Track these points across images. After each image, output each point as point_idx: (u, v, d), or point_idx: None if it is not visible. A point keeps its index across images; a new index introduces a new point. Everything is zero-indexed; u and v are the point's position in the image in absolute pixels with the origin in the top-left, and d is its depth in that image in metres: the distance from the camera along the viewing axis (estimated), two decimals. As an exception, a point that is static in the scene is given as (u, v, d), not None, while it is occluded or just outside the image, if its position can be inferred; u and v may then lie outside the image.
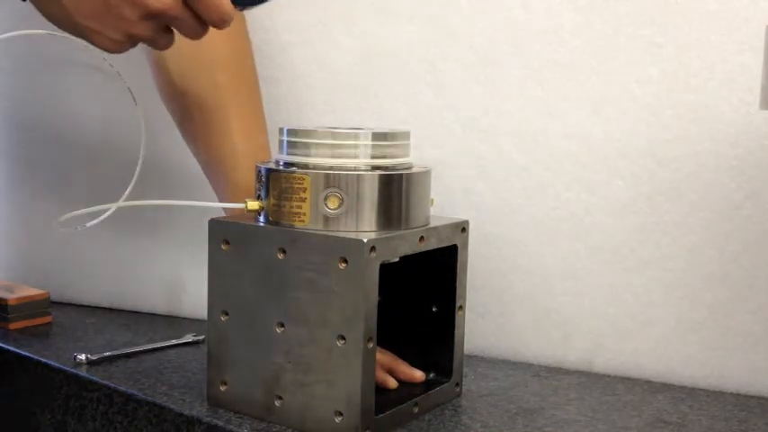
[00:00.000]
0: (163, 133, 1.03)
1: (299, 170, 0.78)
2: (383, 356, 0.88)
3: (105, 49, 0.75)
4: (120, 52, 0.76)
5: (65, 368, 0.96)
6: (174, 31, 0.77)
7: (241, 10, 0.78)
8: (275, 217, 0.79)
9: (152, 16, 0.73)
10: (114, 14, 0.72)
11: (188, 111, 0.96)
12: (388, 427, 0.79)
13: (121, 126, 1.14)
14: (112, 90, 1.08)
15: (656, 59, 0.92)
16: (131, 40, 0.75)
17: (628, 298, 0.96)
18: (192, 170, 1.05)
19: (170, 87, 0.97)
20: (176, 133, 1.02)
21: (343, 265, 0.74)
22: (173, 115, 0.99)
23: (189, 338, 1.06)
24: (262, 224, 0.80)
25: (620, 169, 0.95)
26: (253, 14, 1.09)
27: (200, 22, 0.76)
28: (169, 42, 0.78)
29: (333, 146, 0.79)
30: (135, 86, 0.99)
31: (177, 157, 1.10)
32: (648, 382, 0.95)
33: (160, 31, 0.76)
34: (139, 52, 0.96)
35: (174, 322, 1.16)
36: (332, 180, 0.77)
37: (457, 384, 0.89)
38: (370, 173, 0.78)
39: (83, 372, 0.95)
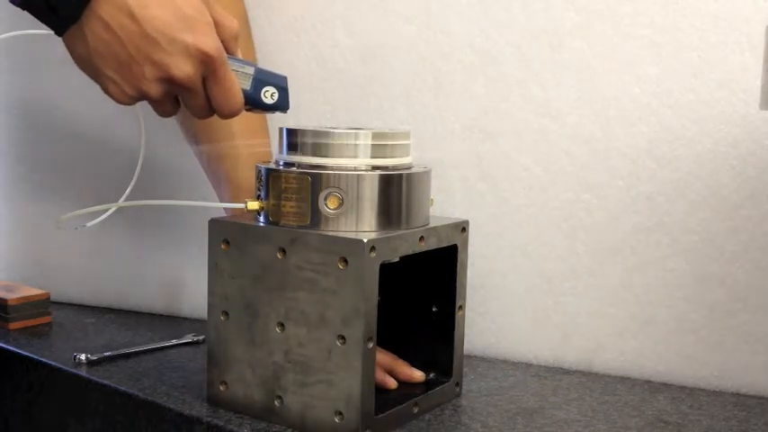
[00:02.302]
0: (163, 133, 1.03)
1: (299, 170, 0.78)
2: (383, 356, 0.88)
3: (113, 98, 0.76)
4: (126, 104, 0.77)
5: (65, 368, 0.96)
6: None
7: (248, 110, 0.80)
8: (275, 217, 0.79)
9: (168, 82, 0.74)
10: (134, 70, 0.73)
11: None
12: (388, 427, 0.79)
13: (121, 126, 1.14)
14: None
15: (656, 59, 0.92)
16: (140, 97, 0.76)
17: (628, 298, 0.96)
18: (192, 170, 1.05)
19: None
20: (176, 133, 1.02)
21: (343, 265, 0.74)
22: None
23: (189, 338, 1.06)
24: (262, 224, 0.80)
25: (620, 169, 0.95)
26: (252, 15, 1.09)
27: (208, 105, 0.77)
28: (172, 112, 0.79)
29: (333, 146, 0.79)
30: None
31: (177, 157, 1.10)
32: (648, 382, 0.95)
33: (169, 98, 0.77)
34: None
35: (174, 322, 1.16)
36: (332, 180, 0.77)
37: (457, 384, 0.89)
38: (370, 173, 0.78)
39: (83, 372, 0.95)
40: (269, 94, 0.80)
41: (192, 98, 0.76)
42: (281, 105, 0.80)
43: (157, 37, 0.72)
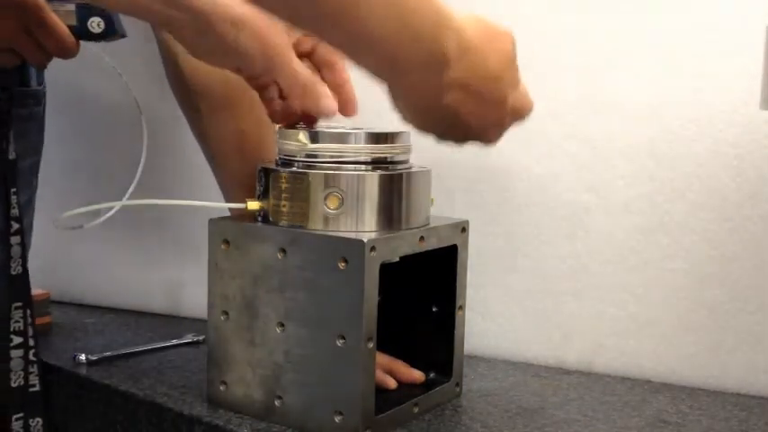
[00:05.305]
0: (164, 134, 1.03)
1: (300, 170, 0.78)
2: (381, 358, 0.88)
3: None
4: None
5: (65, 368, 0.96)
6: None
7: (86, 41, 0.82)
8: (275, 217, 0.79)
9: None
10: None
11: (195, 106, 0.96)
12: (388, 427, 0.79)
13: (123, 126, 1.14)
14: (114, 90, 1.08)
15: (656, 59, 0.92)
16: None
17: (628, 298, 0.96)
18: (191, 170, 1.05)
19: (181, 82, 0.97)
20: (177, 134, 1.02)
21: (343, 265, 0.74)
22: (182, 107, 0.99)
23: (189, 338, 1.06)
24: (262, 224, 0.80)
25: (620, 169, 0.95)
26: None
27: (42, 51, 0.80)
28: (10, 61, 0.81)
29: (333, 146, 0.78)
30: (136, 86, 0.99)
31: (178, 157, 1.10)
32: (648, 382, 0.95)
33: (4, 50, 0.79)
34: (142, 47, 0.96)
35: (173, 322, 1.16)
36: (332, 180, 0.77)
37: (457, 384, 0.89)
38: (370, 173, 0.78)
39: (83, 372, 0.95)
40: (95, 24, 0.82)
41: (21, 47, 0.79)
42: (112, 32, 0.83)
43: None
